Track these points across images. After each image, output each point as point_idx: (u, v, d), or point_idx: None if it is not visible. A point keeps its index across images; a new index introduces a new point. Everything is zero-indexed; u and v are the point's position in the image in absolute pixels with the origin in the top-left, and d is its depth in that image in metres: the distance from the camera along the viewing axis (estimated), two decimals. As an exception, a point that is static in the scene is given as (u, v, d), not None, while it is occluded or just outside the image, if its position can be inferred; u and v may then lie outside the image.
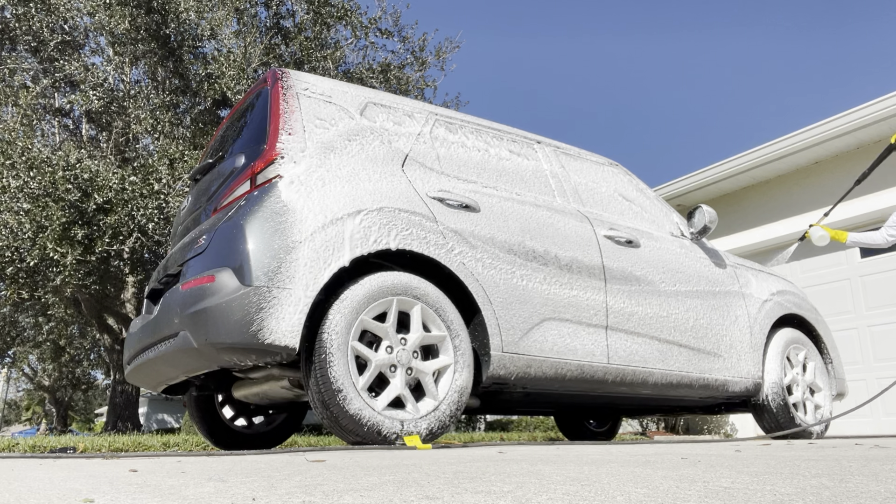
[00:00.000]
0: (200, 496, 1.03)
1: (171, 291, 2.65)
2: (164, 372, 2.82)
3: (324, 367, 2.33)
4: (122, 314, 11.72)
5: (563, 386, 3.00)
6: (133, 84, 10.80)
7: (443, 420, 2.51)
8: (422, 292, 2.60)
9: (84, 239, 8.33)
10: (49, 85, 10.18)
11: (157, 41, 10.20)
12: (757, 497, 0.92)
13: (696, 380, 3.46)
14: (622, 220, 3.58)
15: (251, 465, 1.63)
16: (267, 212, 2.43)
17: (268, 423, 3.64)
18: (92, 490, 1.16)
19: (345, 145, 2.77)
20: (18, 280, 8.83)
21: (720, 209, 7.58)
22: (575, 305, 3.05)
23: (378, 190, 2.67)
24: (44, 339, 19.27)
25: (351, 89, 3.07)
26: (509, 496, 0.95)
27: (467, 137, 3.26)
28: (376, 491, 1.04)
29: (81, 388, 27.91)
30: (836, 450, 1.90)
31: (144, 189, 8.57)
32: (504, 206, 3.03)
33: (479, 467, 1.40)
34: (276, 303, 2.30)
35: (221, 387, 3.21)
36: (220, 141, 3.40)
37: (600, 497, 0.94)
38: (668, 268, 3.53)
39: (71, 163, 8.34)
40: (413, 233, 2.63)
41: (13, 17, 9.97)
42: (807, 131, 6.80)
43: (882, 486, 1.02)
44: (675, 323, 3.44)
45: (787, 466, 1.35)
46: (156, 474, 1.43)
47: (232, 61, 9.60)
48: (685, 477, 1.15)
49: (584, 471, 1.28)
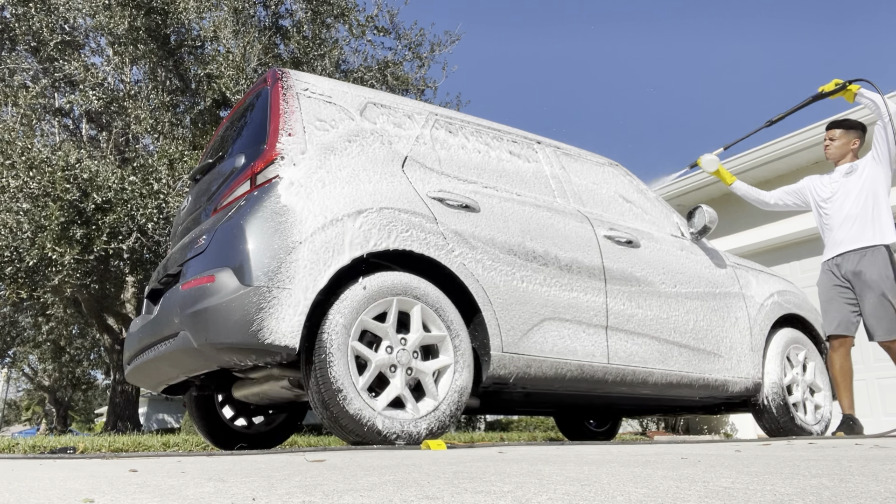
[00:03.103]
0: (200, 496, 1.03)
1: (171, 291, 2.65)
2: (164, 372, 2.82)
3: (324, 367, 2.33)
4: (122, 314, 11.72)
5: (563, 386, 3.00)
6: (133, 84, 10.81)
7: (443, 420, 2.51)
8: (422, 292, 2.60)
9: (83, 238, 8.33)
10: (49, 85, 10.18)
11: (157, 41, 10.21)
12: (757, 497, 0.92)
13: (696, 380, 3.46)
14: (622, 221, 3.58)
15: (251, 465, 1.63)
16: (267, 212, 2.43)
17: (268, 423, 3.64)
18: (92, 490, 1.16)
19: (345, 146, 2.77)
20: (17, 280, 8.83)
21: (720, 209, 7.55)
22: (575, 306, 3.05)
23: (378, 191, 2.67)
24: (44, 339, 19.26)
25: (351, 89, 3.07)
26: (509, 496, 0.95)
27: (467, 138, 3.26)
28: (376, 491, 1.04)
29: (81, 388, 27.90)
30: (836, 450, 1.91)
31: (144, 189, 8.57)
32: (504, 207, 3.03)
33: (479, 467, 1.40)
34: (276, 303, 2.30)
35: (221, 387, 3.21)
36: (220, 141, 3.40)
37: (600, 497, 0.94)
38: (668, 268, 3.53)
39: (70, 163, 8.34)
40: (413, 234, 2.63)
41: (13, 17, 9.97)
42: (807, 131, 6.79)
43: (882, 486, 1.02)
44: (675, 323, 3.44)
45: (787, 466, 1.35)
46: (156, 474, 1.43)
47: (230, 61, 9.60)
48: (685, 477, 1.15)
49: (584, 471, 1.28)
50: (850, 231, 3.78)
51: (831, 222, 3.89)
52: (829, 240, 3.91)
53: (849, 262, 3.76)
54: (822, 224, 3.98)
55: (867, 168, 3.81)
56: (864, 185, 3.77)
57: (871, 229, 3.72)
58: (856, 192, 3.80)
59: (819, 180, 4.03)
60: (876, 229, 3.72)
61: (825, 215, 3.94)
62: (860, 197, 3.78)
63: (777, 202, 4.21)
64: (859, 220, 3.77)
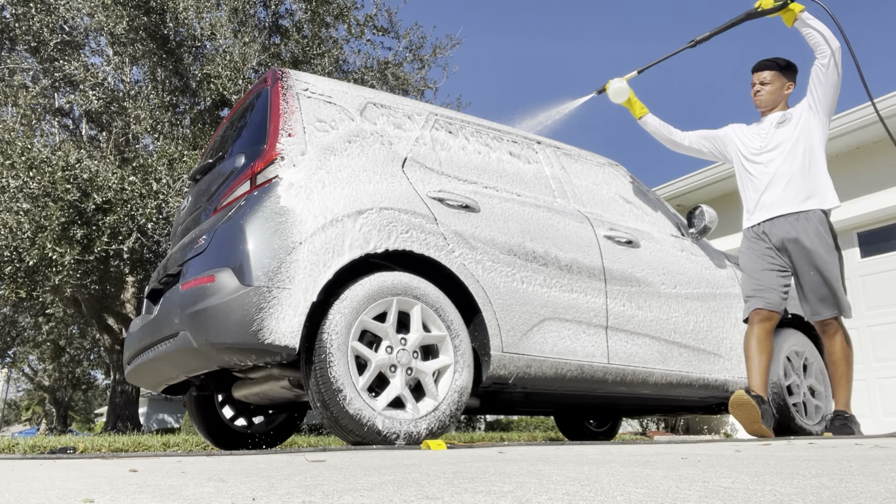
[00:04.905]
0: (200, 496, 1.03)
1: (171, 291, 2.65)
2: (164, 372, 2.82)
3: (324, 368, 2.33)
4: (122, 314, 11.71)
5: (563, 386, 3.01)
6: (133, 84, 10.81)
7: (443, 420, 2.51)
8: (422, 292, 2.60)
9: (83, 239, 8.34)
10: (49, 85, 10.18)
11: (157, 41, 10.21)
12: (757, 497, 0.92)
13: (696, 380, 3.46)
14: (622, 221, 3.58)
15: (251, 465, 1.63)
16: (267, 212, 2.43)
17: (268, 423, 3.64)
18: (92, 490, 1.16)
19: (345, 146, 2.77)
20: (17, 280, 8.83)
21: (720, 209, 7.55)
22: (575, 306, 3.05)
23: (378, 191, 2.67)
24: (44, 339, 19.27)
25: (351, 89, 3.07)
26: (509, 496, 0.95)
27: (468, 138, 3.26)
28: (376, 491, 1.04)
29: (81, 388, 27.90)
30: (836, 450, 1.90)
31: (144, 189, 8.57)
32: (504, 207, 3.03)
33: (479, 467, 1.40)
34: (276, 303, 2.30)
35: (221, 387, 3.21)
36: (219, 141, 3.40)
37: (600, 497, 0.94)
38: (668, 268, 3.53)
39: (70, 163, 8.34)
40: (413, 234, 2.63)
41: (13, 17, 9.96)
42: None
43: (882, 486, 1.02)
44: (676, 324, 3.44)
45: (787, 466, 1.35)
46: (156, 474, 1.43)
47: (229, 61, 9.60)
48: (685, 477, 1.15)
49: (584, 471, 1.28)
50: (782, 192, 3.19)
51: (759, 181, 3.30)
52: (754, 201, 3.31)
53: (781, 229, 3.19)
54: (746, 182, 3.39)
55: (802, 118, 3.21)
56: (800, 137, 3.19)
57: (808, 190, 3.16)
58: (790, 145, 3.21)
59: (746, 130, 3.43)
60: (813, 191, 3.15)
61: (751, 172, 3.34)
62: (795, 152, 3.19)
63: (691, 145, 3.65)
64: (794, 179, 3.18)
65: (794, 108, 3.29)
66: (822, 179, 3.17)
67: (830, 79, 3.13)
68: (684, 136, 3.66)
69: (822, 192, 3.16)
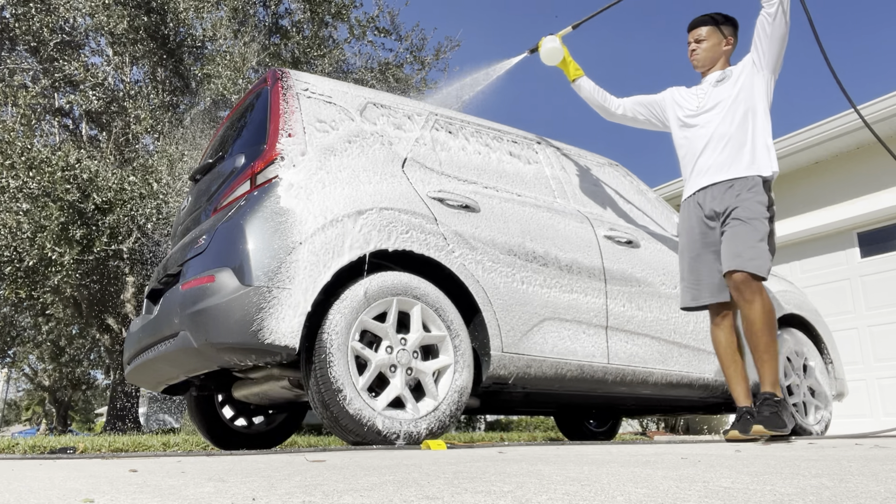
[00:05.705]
0: (200, 496, 1.03)
1: (171, 291, 2.65)
2: (164, 372, 2.82)
3: (324, 368, 2.33)
4: (122, 314, 11.71)
5: (563, 386, 3.00)
6: (133, 84, 10.81)
7: (443, 420, 2.51)
8: (422, 292, 2.60)
9: (83, 239, 8.34)
10: (49, 85, 10.18)
11: (156, 41, 10.21)
12: (757, 497, 0.92)
13: (696, 380, 3.46)
14: (622, 221, 3.58)
15: (251, 465, 1.63)
16: (267, 212, 2.43)
17: (268, 423, 3.64)
18: (92, 490, 1.16)
19: (345, 147, 2.77)
20: (17, 280, 8.83)
21: (720, 209, 7.54)
22: (575, 306, 3.05)
23: (378, 191, 2.67)
24: (43, 339, 19.27)
25: (351, 89, 3.07)
26: (509, 496, 0.95)
27: (468, 138, 3.26)
28: (376, 491, 1.04)
29: (81, 388, 27.91)
30: (836, 450, 1.91)
31: (144, 189, 8.58)
32: (504, 207, 3.03)
33: (479, 467, 1.40)
34: (276, 303, 2.30)
35: (221, 387, 3.21)
36: (220, 141, 3.40)
37: (600, 497, 0.94)
38: (668, 268, 3.53)
39: (70, 163, 8.35)
40: (413, 234, 2.63)
41: (13, 17, 9.97)
42: (807, 131, 6.78)
43: (882, 486, 1.02)
44: (676, 324, 3.44)
45: (787, 466, 1.35)
46: (156, 474, 1.43)
47: (228, 61, 9.60)
48: (685, 477, 1.15)
49: (584, 471, 1.28)
50: (719, 156, 2.88)
51: (695, 145, 2.98)
52: (691, 167, 2.99)
53: (714, 199, 2.86)
54: (682, 147, 3.07)
55: (743, 74, 2.92)
56: (740, 96, 2.89)
57: (748, 155, 2.85)
58: (728, 104, 2.90)
59: (684, 92, 3.13)
60: (753, 155, 2.85)
61: (687, 136, 3.03)
62: (734, 111, 2.88)
63: (625, 113, 3.35)
64: (732, 141, 2.87)
65: (736, 65, 3.00)
66: (762, 143, 2.87)
67: (777, 30, 2.80)
68: (619, 103, 3.37)
69: (760, 157, 2.85)
